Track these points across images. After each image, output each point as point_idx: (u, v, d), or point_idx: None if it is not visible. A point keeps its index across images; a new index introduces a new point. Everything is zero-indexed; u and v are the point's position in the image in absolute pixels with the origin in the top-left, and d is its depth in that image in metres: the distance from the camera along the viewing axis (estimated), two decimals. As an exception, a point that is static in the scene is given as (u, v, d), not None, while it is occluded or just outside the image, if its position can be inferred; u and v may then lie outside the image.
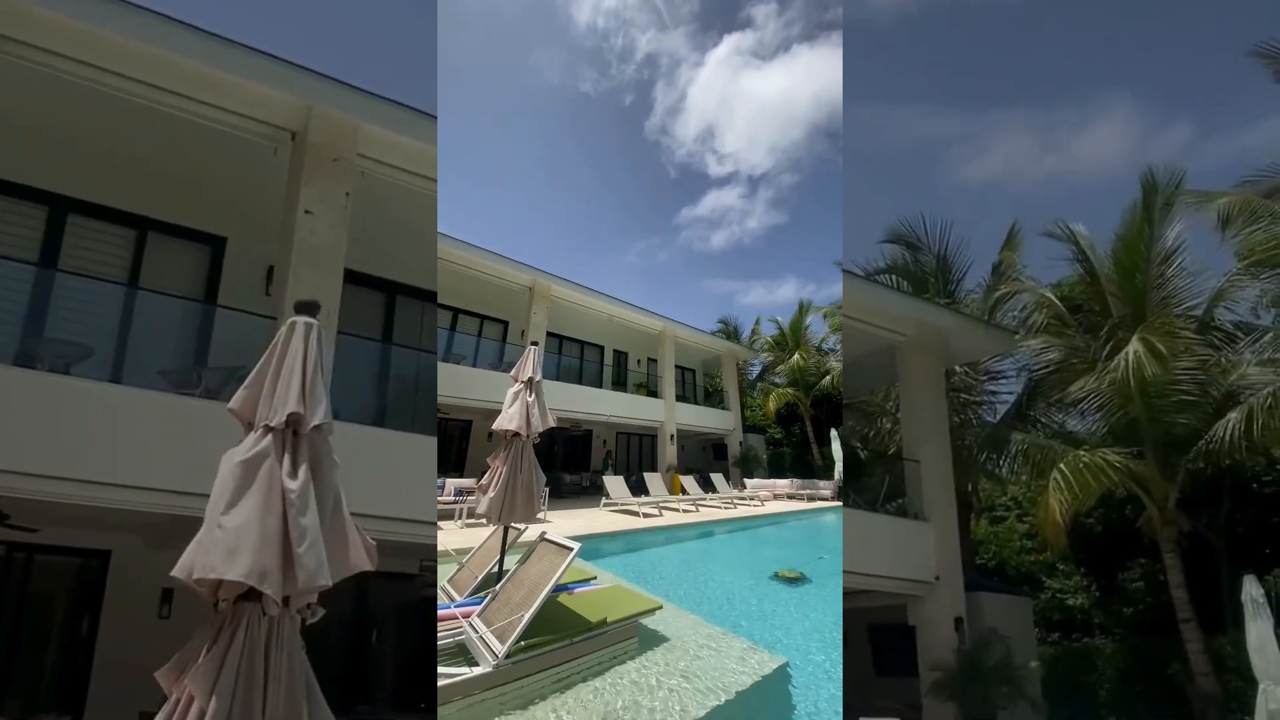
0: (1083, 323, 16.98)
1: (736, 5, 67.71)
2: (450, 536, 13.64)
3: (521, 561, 8.11)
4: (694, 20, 66.87)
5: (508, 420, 8.78)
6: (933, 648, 12.27)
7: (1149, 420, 14.54)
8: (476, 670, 6.35)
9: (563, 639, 7.13)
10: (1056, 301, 17.01)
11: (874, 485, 15.06)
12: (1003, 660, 11.71)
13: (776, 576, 13.63)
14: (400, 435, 9.68)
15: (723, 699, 6.86)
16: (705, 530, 21.04)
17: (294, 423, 3.64)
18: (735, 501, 25.93)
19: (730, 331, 40.69)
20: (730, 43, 69.40)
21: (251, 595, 3.39)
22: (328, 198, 9.59)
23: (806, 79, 66.07)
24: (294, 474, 3.57)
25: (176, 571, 3.40)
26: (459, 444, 25.15)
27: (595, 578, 10.29)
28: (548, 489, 19.21)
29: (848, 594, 11.46)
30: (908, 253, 19.33)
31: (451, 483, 18.03)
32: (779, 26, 67.02)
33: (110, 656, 10.53)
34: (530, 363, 9.15)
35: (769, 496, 28.37)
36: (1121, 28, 52.31)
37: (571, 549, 7.58)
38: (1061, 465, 13.97)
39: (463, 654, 7.00)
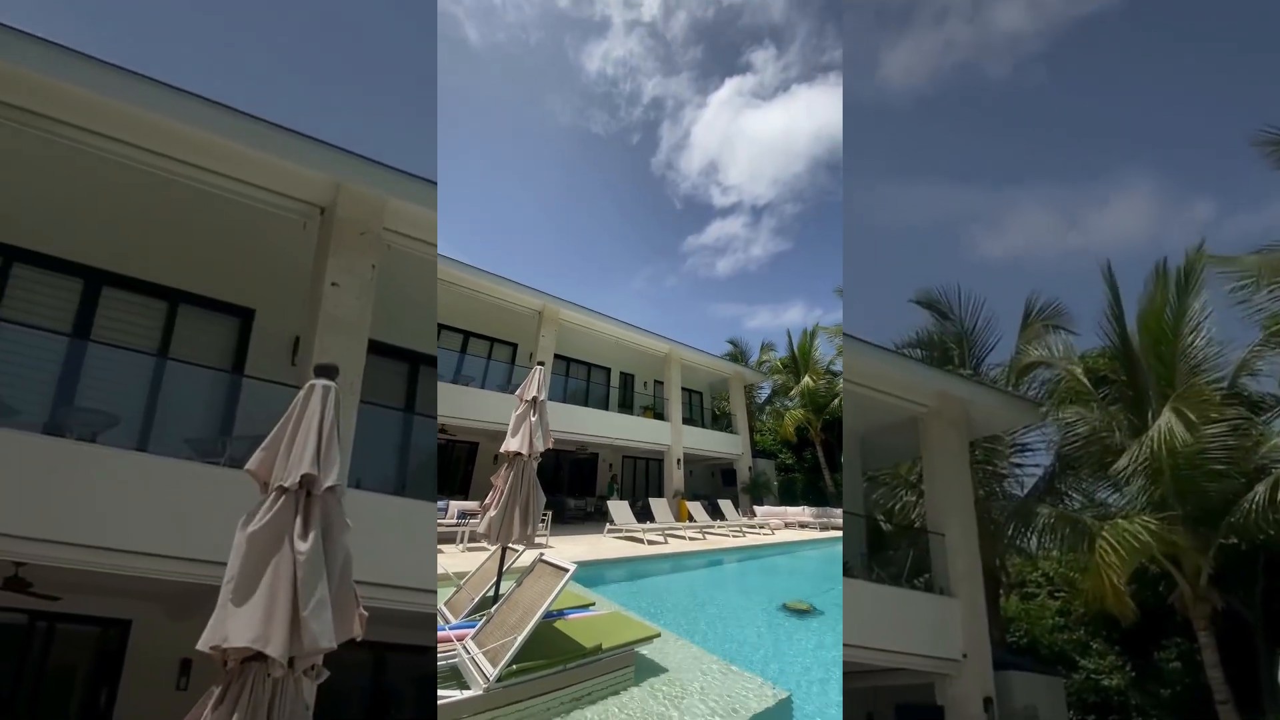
0: (1107, 395, 16.85)
1: (736, 52, 71.96)
2: (452, 560, 13.47)
3: (518, 583, 8.09)
4: (696, 66, 71.38)
5: (510, 443, 8.96)
6: (962, 728, 11.89)
7: (1181, 493, 14.30)
8: (467, 693, 6.29)
9: (556, 664, 7.06)
10: (1080, 376, 16.90)
11: (899, 559, 14.77)
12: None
13: (784, 608, 13.33)
14: (420, 504, 9.66)
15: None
16: (713, 559, 20.56)
17: (308, 484, 3.70)
18: (744, 529, 25.28)
19: (739, 354, 40.19)
20: (731, 85, 73.29)
21: (258, 655, 3.41)
22: (354, 270, 9.80)
23: (806, 116, 69.74)
24: (305, 536, 3.62)
25: (201, 644, 3.43)
26: (465, 466, 25.02)
27: (594, 604, 10.14)
28: (549, 513, 19.00)
29: (873, 671, 11.17)
30: (935, 320, 19.38)
31: (455, 505, 17.71)
32: (777, 70, 70.62)
33: (127, 728, 10.46)
34: (535, 382, 9.25)
35: (780, 525, 27.32)
36: (1140, 108, 52.85)
37: (568, 570, 7.58)
38: (1105, 533, 13.70)
39: (455, 677, 6.92)
